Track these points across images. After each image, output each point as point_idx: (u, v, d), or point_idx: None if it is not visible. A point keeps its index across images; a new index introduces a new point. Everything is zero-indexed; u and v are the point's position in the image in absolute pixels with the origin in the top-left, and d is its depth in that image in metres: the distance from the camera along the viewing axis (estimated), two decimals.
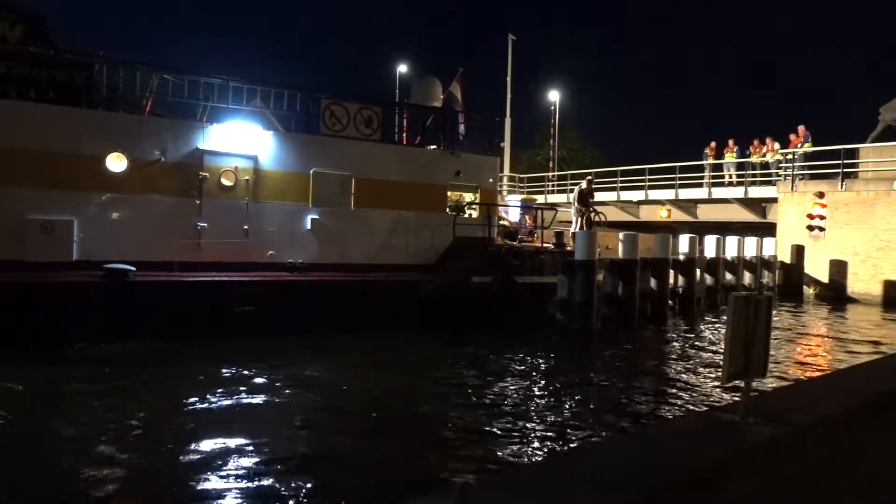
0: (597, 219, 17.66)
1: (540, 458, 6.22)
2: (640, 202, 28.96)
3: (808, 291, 20.81)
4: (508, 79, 32.80)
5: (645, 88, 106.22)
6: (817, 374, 10.46)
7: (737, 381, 4.11)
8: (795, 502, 3.23)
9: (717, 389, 8.98)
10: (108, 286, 10.79)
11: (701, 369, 10.61)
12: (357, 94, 16.01)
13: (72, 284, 10.61)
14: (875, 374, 6.35)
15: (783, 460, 3.62)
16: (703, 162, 27.04)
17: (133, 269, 11.17)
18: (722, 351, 5.92)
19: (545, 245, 16.21)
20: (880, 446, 4.12)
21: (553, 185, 36.11)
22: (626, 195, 29.07)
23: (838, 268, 20.23)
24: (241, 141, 13.38)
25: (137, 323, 10.54)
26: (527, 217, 19.64)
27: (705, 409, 7.81)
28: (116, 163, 12.14)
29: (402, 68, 37.29)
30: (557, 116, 39.52)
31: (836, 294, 19.97)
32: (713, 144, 27.20)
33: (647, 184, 28.20)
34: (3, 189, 11.19)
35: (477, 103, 25.36)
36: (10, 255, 10.96)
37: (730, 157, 25.95)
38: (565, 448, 6.55)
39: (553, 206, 19.91)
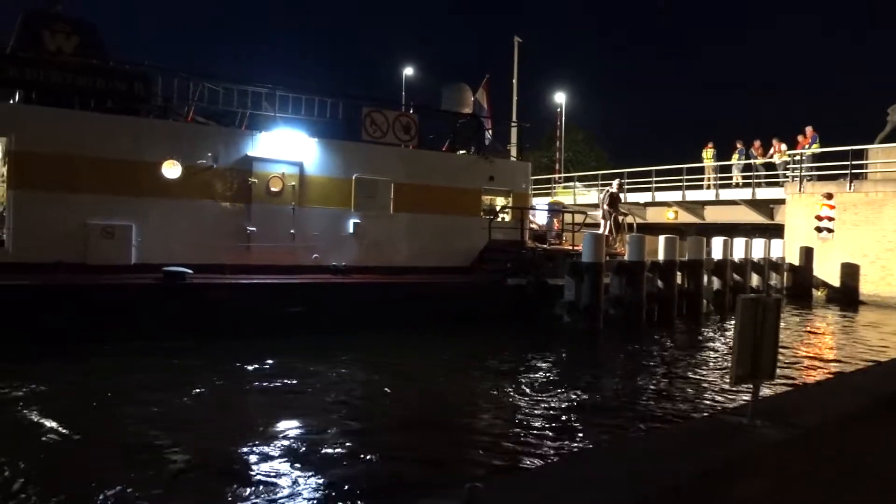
0: (627, 222, 17.68)
1: (547, 460, 6.27)
2: (646, 204, 28.91)
3: (817, 293, 20.76)
4: (514, 81, 32.83)
5: (652, 89, 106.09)
6: (825, 376, 10.40)
7: (745, 384, 4.10)
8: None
9: (725, 392, 8.97)
10: (168, 288, 11.23)
11: (708, 372, 10.61)
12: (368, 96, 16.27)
13: (134, 286, 11.09)
14: (882, 375, 6.34)
15: (790, 462, 3.63)
16: (706, 164, 27.02)
17: (190, 271, 11.61)
18: (730, 353, 5.91)
19: (575, 248, 16.33)
20: (888, 447, 4.11)
21: (561, 188, 36.07)
22: (633, 197, 29.03)
23: (847, 269, 20.21)
24: (287, 148, 13.82)
25: (194, 322, 10.91)
26: (555, 220, 19.86)
27: (713, 411, 7.80)
28: (171, 169, 12.57)
29: (409, 71, 37.44)
30: (563, 118, 39.49)
31: (845, 296, 19.93)
32: (710, 145, 27.25)
33: (654, 185, 28.14)
34: (67, 195, 11.65)
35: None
36: (74, 258, 11.44)
37: (735, 159, 25.89)
38: (573, 450, 6.62)
39: (583, 211, 19.96)
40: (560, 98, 39.55)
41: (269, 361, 9.80)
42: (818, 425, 4.11)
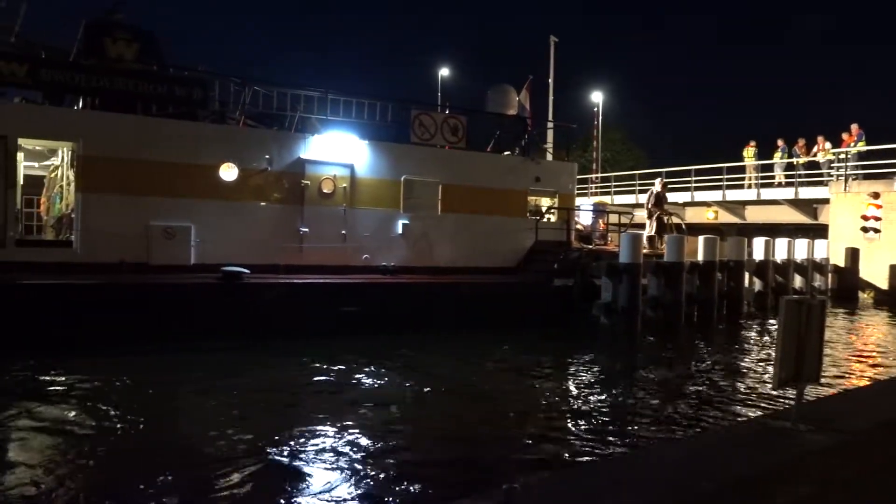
0: (673, 222, 17.53)
1: (586, 463, 6.30)
2: (686, 204, 28.52)
3: (864, 296, 20.24)
4: (550, 80, 32.64)
5: (692, 86, 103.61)
6: (871, 380, 10.28)
7: (788, 387, 4.10)
8: None
9: (768, 395, 8.91)
10: (226, 287, 11.64)
11: (750, 374, 10.55)
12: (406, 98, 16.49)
13: (195, 286, 11.54)
14: None
15: (835, 467, 3.58)
16: (747, 163, 26.54)
17: (247, 271, 11.99)
18: (772, 356, 5.95)
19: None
20: None
21: (596, 188, 35.81)
22: (672, 196, 28.61)
23: (895, 271, 19.57)
24: (338, 150, 14.16)
25: (252, 321, 11.26)
26: (600, 221, 19.87)
27: (756, 415, 7.80)
28: (228, 172, 13.01)
29: (444, 71, 37.59)
30: (601, 117, 39.11)
31: (893, 298, 19.43)
32: (752, 143, 26.74)
33: (694, 185, 27.76)
34: (131, 198, 12.13)
35: None
36: (137, 258, 11.93)
37: (777, 157, 25.38)
38: (612, 453, 6.62)
39: (629, 211, 19.91)
40: (597, 97, 39.19)
41: (319, 363, 10.04)
42: (863, 430, 4.06)
